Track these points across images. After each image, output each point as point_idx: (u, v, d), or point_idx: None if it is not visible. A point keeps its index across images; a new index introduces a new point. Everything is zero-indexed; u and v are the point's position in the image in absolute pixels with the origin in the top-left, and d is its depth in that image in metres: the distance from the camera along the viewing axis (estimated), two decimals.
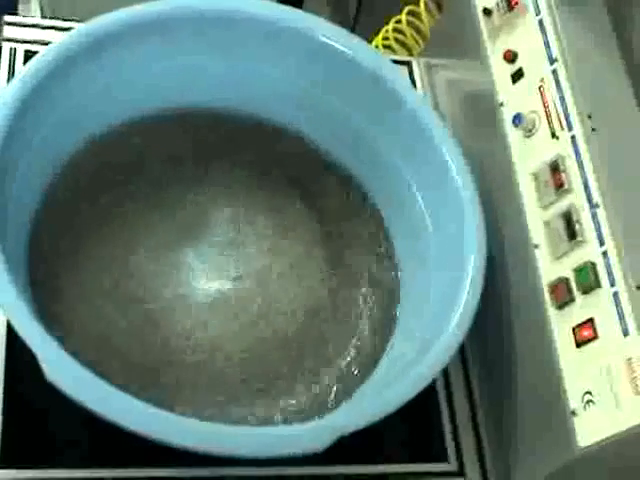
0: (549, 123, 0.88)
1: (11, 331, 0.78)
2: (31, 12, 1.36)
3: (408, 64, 1.13)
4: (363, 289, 0.99)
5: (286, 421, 0.89)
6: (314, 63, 0.98)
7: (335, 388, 0.92)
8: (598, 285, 0.81)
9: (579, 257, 0.83)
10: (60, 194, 0.93)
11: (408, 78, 1.10)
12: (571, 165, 0.85)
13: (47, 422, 0.85)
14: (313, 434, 0.79)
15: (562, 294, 0.83)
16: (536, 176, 0.88)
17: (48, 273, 0.89)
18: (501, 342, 0.92)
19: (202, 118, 1.01)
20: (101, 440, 0.83)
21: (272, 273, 0.97)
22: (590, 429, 0.78)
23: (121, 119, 0.98)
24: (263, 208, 1.01)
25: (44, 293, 0.87)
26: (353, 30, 0.99)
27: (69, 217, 0.94)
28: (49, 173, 0.93)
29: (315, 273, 0.98)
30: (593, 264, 0.81)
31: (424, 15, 1.23)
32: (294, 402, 0.90)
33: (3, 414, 0.82)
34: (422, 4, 1.22)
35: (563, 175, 0.85)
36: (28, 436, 0.83)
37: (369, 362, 0.94)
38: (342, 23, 1.02)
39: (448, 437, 0.93)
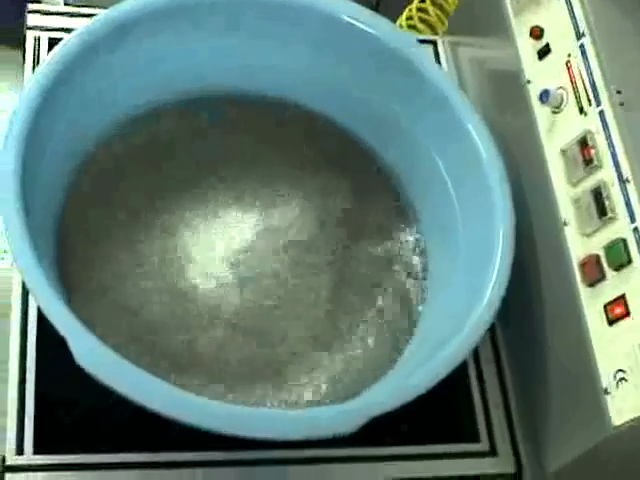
0: (577, 99, 0.87)
1: (42, 317, 0.78)
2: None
3: (433, 43, 1.13)
4: (389, 265, 0.98)
5: (317, 403, 0.89)
6: (339, 43, 0.98)
7: (365, 369, 0.92)
8: (629, 262, 0.79)
9: (610, 234, 0.82)
10: (87, 180, 0.94)
11: (433, 57, 1.10)
12: (600, 141, 0.84)
13: (79, 407, 0.85)
14: (344, 416, 0.78)
15: (593, 271, 0.82)
16: (565, 153, 0.87)
17: (76, 257, 0.90)
18: (531, 321, 0.91)
19: (227, 99, 1.02)
20: (134, 424, 0.83)
21: (296, 248, 0.97)
22: (623, 407, 0.78)
23: (147, 102, 0.98)
24: (288, 185, 1.01)
25: (72, 277, 0.88)
26: (377, 10, 0.98)
27: (97, 201, 0.94)
28: (76, 159, 0.93)
29: (338, 249, 0.98)
30: (624, 240, 0.80)
31: None
32: (323, 384, 0.90)
33: (35, 399, 0.83)
34: None
35: (592, 151, 0.84)
36: (61, 421, 0.84)
37: (398, 342, 0.94)
38: (365, 3, 1.02)
39: (479, 417, 0.93)
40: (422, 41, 1.10)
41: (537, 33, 0.93)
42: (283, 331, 0.93)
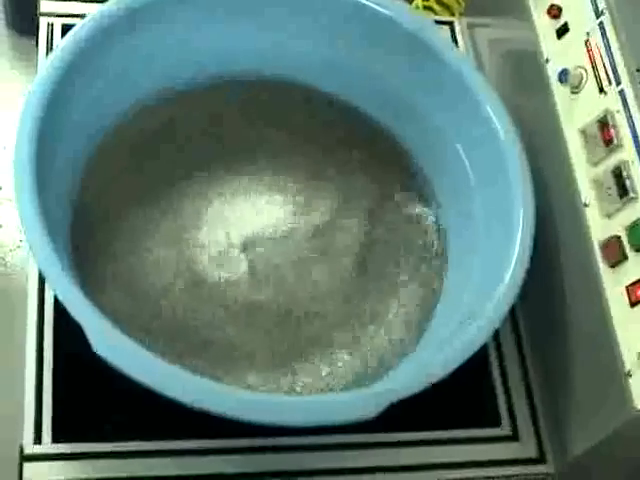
0: (596, 78, 0.86)
1: (59, 304, 0.78)
2: None
3: (450, 24, 1.12)
4: (408, 247, 0.98)
5: (339, 388, 0.88)
6: (353, 25, 0.97)
7: (387, 351, 0.91)
8: None
9: (631, 214, 0.80)
10: (103, 163, 0.93)
11: (450, 38, 1.09)
12: (620, 120, 0.83)
13: (99, 394, 0.84)
14: (365, 401, 0.78)
15: (614, 253, 0.81)
16: (584, 133, 0.86)
17: (92, 242, 0.90)
18: (552, 303, 0.91)
19: (243, 83, 1.01)
20: (154, 412, 0.81)
21: (313, 232, 0.96)
22: None
23: (163, 88, 0.98)
24: (304, 169, 1.00)
25: (88, 262, 0.88)
26: None
27: (113, 185, 0.94)
28: (90, 146, 0.93)
29: (357, 233, 0.98)
30: None
31: None
32: (344, 367, 0.90)
33: (53, 387, 0.83)
34: None
35: (612, 131, 0.83)
36: (80, 409, 0.83)
37: (419, 324, 0.93)
38: None
39: (500, 401, 0.91)
40: (439, 22, 1.11)
41: (555, 12, 0.92)
42: (302, 316, 0.92)
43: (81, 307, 0.75)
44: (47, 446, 0.80)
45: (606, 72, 0.85)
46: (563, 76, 0.90)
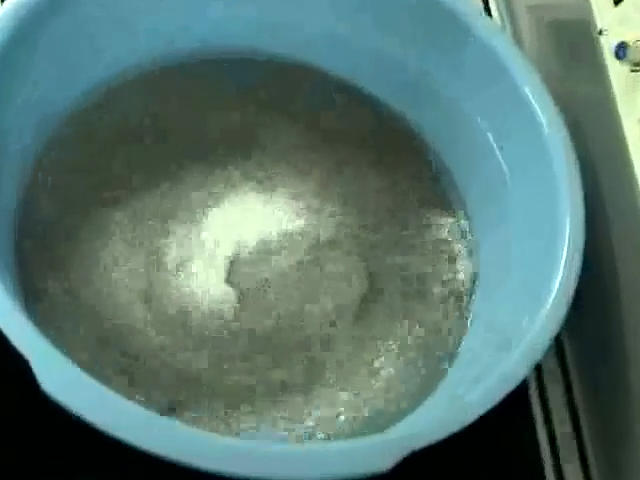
0: None
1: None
2: None
3: None
4: (429, 260, 0.89)
5: (343, 435, 0.79)
6: None
7: (401, 391, 0.81)
8: None
9: None
10: (56, 159, 0.85)
11: (482, 7, 1.02)
12: None
13: (50, 447, 0.76)
14: (377, 450, 0.68)
15: None
16: None
17: (40, 260, 0.81)
18: (607, 330, 0.83)
19: (235, 63, 0.93)
20: (124, 469, 0.74)
21: (315, 243, 0.87)
22: None
23: (132, 69, 0.90)
24: (305, 161, 0.92)
25: (35, 284, 0.80)
26: None
27: (68, 184, 0.85)
28: (42, 137, 0.85)
29: (365, 243, 0.89)
30: None
31: None
32: (352, 411, 0.80)
33: None
34: None
35: None
36: (25, 466, 0.75)
37: (442, 358, 0.83)
38: None
39: (544, 451, 0.83)
40: None
41: None
42: (302, 346, 0.82)
43: (26, 335, 0.67)
44: None
45: None
46: (621, 51, 0.80)
